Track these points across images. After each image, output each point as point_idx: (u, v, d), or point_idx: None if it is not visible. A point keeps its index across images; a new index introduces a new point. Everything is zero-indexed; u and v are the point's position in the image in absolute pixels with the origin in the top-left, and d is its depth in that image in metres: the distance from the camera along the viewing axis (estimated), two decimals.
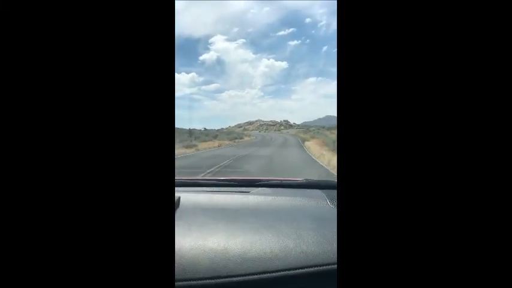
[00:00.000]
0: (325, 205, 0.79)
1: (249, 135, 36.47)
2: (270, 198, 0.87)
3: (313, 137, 24.11)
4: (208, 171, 5.97)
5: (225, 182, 1.08)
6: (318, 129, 52.58)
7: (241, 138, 28.18)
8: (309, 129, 54.99)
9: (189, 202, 0.77)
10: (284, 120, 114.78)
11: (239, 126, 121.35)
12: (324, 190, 0.94)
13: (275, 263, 0.52)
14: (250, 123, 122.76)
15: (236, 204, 0.81)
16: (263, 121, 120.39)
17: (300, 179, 1.11)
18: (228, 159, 8.16)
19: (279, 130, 80.00)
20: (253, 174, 5.39)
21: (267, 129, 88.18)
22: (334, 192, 0.88)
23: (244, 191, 0.98)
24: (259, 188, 1.00)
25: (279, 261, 0.52)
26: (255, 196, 0.89)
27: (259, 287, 0.51)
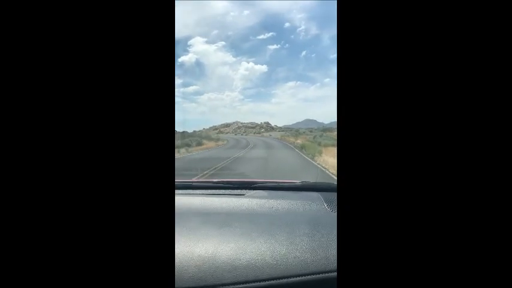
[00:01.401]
0: (322, 208, 0.77)
1: (218, 140, 25.44)
2: (264, 201, 0.84)
3: (321, 145, 12.80)
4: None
5: (220, 185, 1.04)
6: (310, 130, 42.70)
7: (200, 144, 17.47)
8: (298, 131, 44.24)
9: (180, 205, 0.76)
10: (265, 122, 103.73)
11: (214, 128, 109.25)
12: (322, 193, 0.90)
13: (266, 271, 0.50)
14: (227, 125, 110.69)
15: (229, 207, 0.79)
16: (242, 123, 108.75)
17: (297, 181, 1.05)
18: None
19: (259, 133, 68.79)
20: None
21: (245, 132, 76.73)
22: (332, 195, 0.85)
23: (239, 193, 0.95)
24: (255, 191, 0.98)
25: (270, 269, 0.50)
26: (250, 199, 0.86)
27: None
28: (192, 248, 0.53)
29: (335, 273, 0.49)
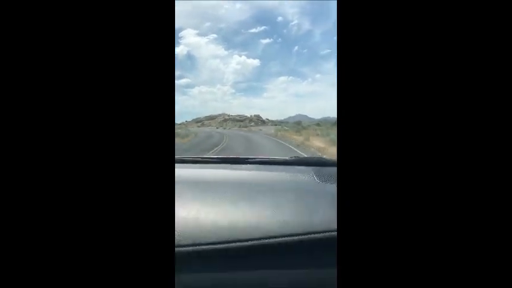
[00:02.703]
0: (311, 179, 0.79)
1: (185, 137, 15.15)
2: (254, 172, 0.88)
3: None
4: None
5: (212, 160, 1.09)
6: (317, 124, 31.00)
7: None
8: (300, 124, 32.08)
9: None
10: (255, 115, 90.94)
11: (198, 121, 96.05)
12: (313, 167, 0.93)
13: (248, 232, 0.52)
14: (211, 117, 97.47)
15: (216, 178, 0.81)
16: (229, 115, 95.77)
17: (289, 157, 1.10)
18: None
19: (246, 127, 56.22)
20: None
21: (232, 126, 64.00)
22: (323, 169, 0.88)
23: (230, 167, 0.98)
24: (246, 165, 1.00)
25: (252, 229, 0.53)
26: (239, 171, 0.90)
27: (231, 254, 0.51)
28: (179, 211, 0.55)
29: (317, 235, 0.52)
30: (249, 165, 1.00)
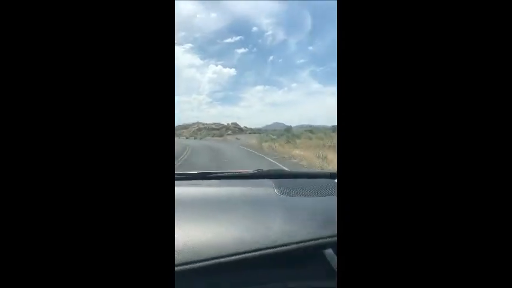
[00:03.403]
0: (271, 192, 0.81)
1: None
2: (216, 189, 0.89)
3: None
4: None
5: (178, 176, 1.06)
6: (310, 131, 25.32)
7: None
8: (290, 131, 25.84)
9: None
10: (232, 123, 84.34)
11: None
12: (274, 180, 0.95)
13: (204, 251, 0.53)
14: (185, 127, 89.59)
15: (180, 196, 0.82)
16: (204, 124, 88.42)
17: (251, 170, 1.10)
18: None
19: (221, 136, 49.49)
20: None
21: (200, 135, 57.00)
22: (283, 181, 0.92)
23: (194, 183, 0.99)
24: (210, 181, 1.02)
25: (208, 248, 0.53)
26: (203, 188, 0.90)
27: (188, 275, 0.50)
28: None
29: (271, 250, 0.53)
30: (212, 181, 0.97)
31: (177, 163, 8.73)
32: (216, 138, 39.18)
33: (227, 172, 1.07)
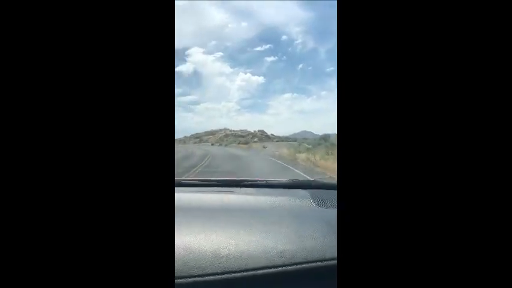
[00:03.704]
0: (308, 204, 0.79)
1: None
2: (251, 197, 0.89)
3: None
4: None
5: (210, 183, 1.09)
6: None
7: None
8: (329, 140, 22.56)
9: None
10: (259, 131, 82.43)
11: (196, 136, 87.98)
12: (309, 190, 0.93)
13: (247, 262, 0.52)
14: (212, 133, 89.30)
15: (216, 204, 0.83)
16: (231, 131, 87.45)
17: (285, 179, 1.10)
18: None
19: (246, 143, 47.42)
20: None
21: (226, 142, 55.46)
22: (319, 192, 0.88)
23: (227, 191, 0.99)
24: (244, 188, 1.02)
25: (250, 259, 0.53)
26: (237, 196, 0.91)
27: (231, 285, 0.50)
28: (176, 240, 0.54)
29: (314, 264, 0.52)
30: (246, 189, 0.97)
31: (187, 175, 7.58)
32: (241, 146, 37.22)
33: (261, 180, 1.04)
